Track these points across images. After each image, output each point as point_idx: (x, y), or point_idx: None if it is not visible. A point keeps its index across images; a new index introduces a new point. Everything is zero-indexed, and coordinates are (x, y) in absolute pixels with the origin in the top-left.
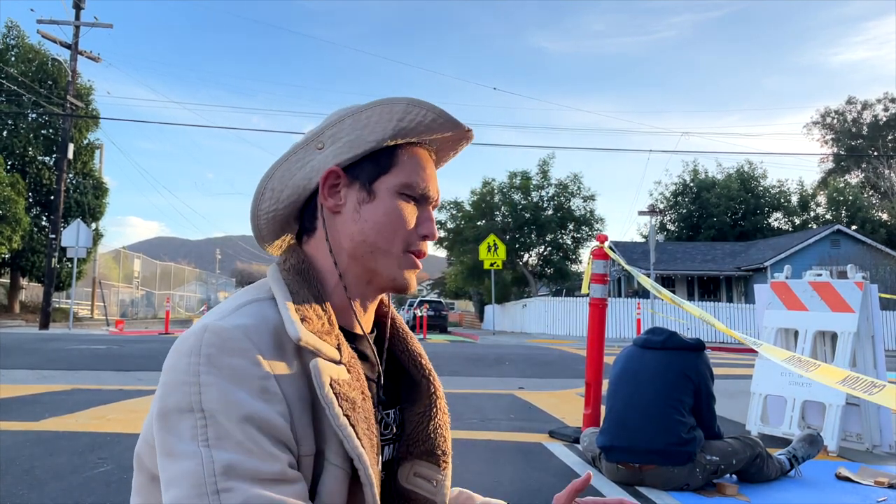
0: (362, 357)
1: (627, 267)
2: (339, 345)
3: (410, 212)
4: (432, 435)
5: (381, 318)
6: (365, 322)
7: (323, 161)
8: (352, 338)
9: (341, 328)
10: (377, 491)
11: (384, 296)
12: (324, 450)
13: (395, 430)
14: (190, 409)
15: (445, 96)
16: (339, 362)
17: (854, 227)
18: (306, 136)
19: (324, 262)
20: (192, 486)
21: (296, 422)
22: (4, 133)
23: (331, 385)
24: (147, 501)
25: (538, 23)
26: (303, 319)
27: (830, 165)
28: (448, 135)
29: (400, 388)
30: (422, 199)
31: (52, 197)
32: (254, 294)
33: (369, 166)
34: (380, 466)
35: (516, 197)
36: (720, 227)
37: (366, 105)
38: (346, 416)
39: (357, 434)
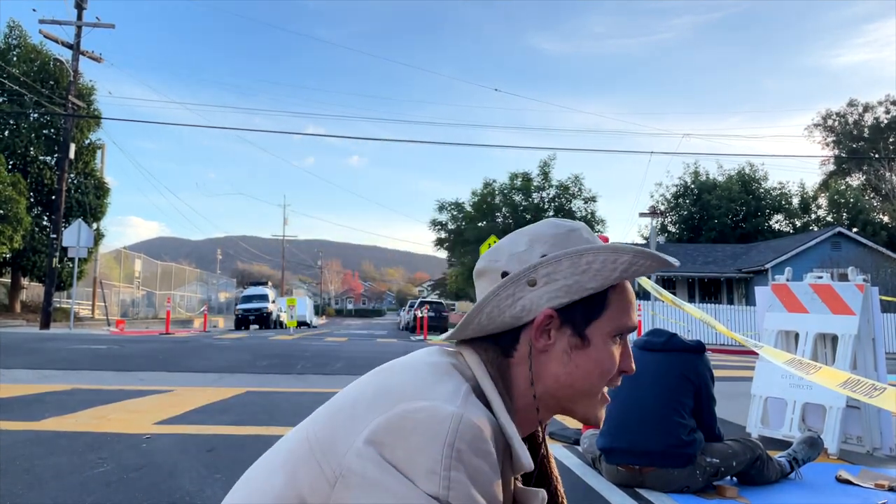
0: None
1: None
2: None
3: (618, 353)
4: None
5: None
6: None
7: (536, 301)
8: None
9: None
10: None
11: None
12: None
13: None
14: (437, 500)
15: (445, 97)
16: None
17: (855, 230)
18: (518, 270)
19: (518, 383)
20: None
21: None
22: (6, 133)
23: None
24: (296, 487)
25: (538, 24)
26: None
27: (831, 167)
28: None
29: None
30: (625, 335)
31: (54, 197)
32: (457, 376)
33: (583, 310)
34: None
35: (517, 198)
36: (721, 228)
37: (586, 249)
38: None
39: None
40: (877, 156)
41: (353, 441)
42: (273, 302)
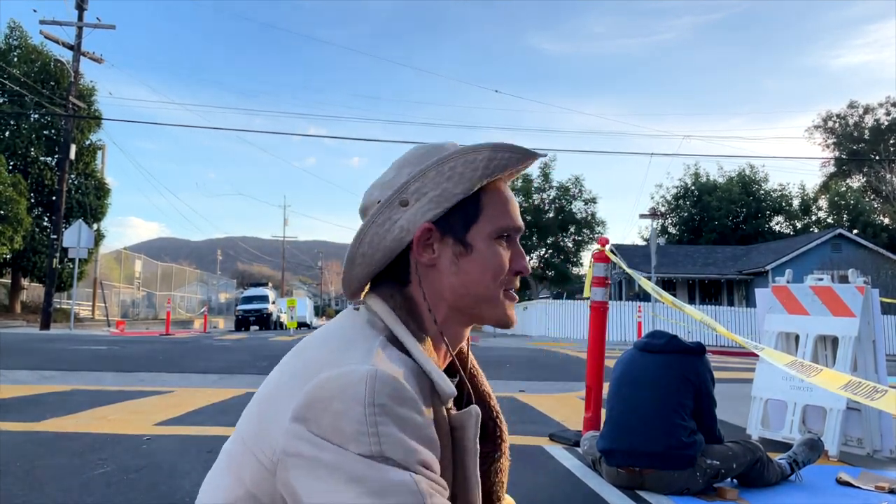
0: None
1: (628, 270)
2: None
3: (505, 254)
4: (493, 477)
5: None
6: (463, 364)
7: (411, 219)
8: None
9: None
10: None
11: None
12: (447, 484)
13: None
14: (370, 457)
15: (444, 97)
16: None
17: (855, 231)
18: (389, 195)
19: (423, 309)
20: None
21: (443, 461)
22: (7, 133)
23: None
24: (243, 483)
25: (538, 24)
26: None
27: (832, 169)
28: (531, 162)
29: None
30: (511, 236)
31: (54, 197)
32: (370, 331)
33: (459, 217)
34: None
35: (517, 199)
36: (721, 230)
37: (447, 156)
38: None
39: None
40: (877, 157)
41: (281, 425)
42: (273, 303)
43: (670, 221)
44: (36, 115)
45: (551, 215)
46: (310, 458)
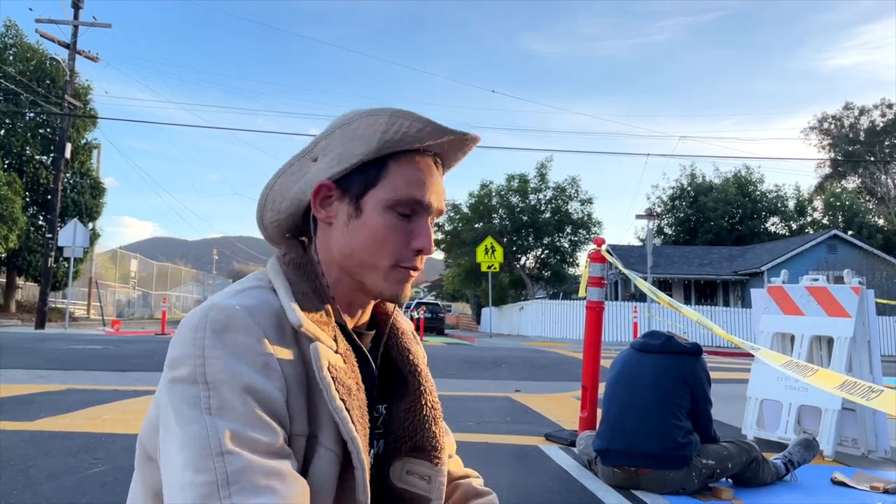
0: (357, 352)
1: (625, 270)
2: (335, 336)
3: (399, 227)
4: (419, 430)
5: (381, 317)
6: (360, 319)
7: (316, 174)
8: (348, 334)
9: (337, 323)
10: (367, 476)
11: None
12: (317, 434)
13: (382, 425)
14: (195, 380)
15: (443, 98)
16: (335, 352)
17: (851, 233)
18: (304, 148)
19: (317, 266)
20: (198, 448)
21: (292, 401)
22: (2, 132)
23: (328, 369)
24: (145, 482)
25: (531, 25)
26: (301, 309)
27: (827, 170)
28: (446, 141)
29: (393, 385)
30: (416, 211)
31: (49, 196)
32: (255, 282)
33: (358, 179)
34: (371, 459)
35: (514, 200)
36: (717, 231)
37: (354, 115)
38: (343, 399)
39: (352, 419)
40: (872, 159)
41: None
42: None
43: (666, 222)
44: (31, 114)
45: (548, 215)
46: (160, 387)
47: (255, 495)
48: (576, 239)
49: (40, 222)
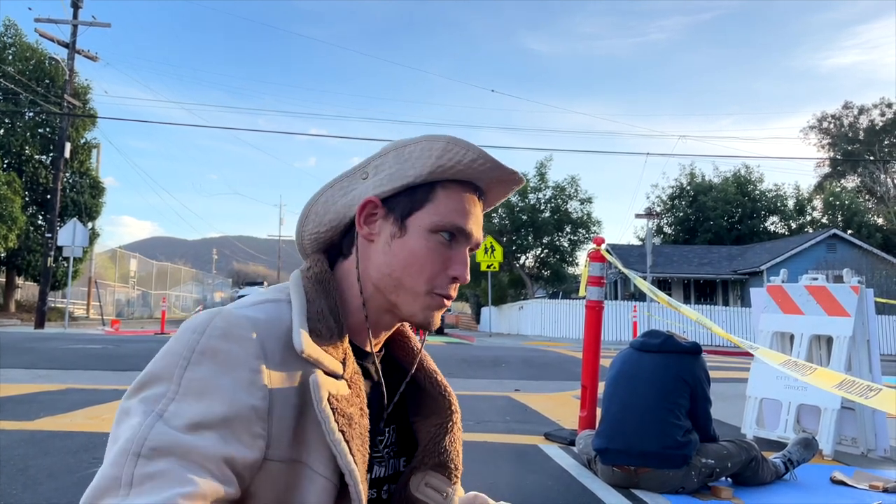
0: (367, 374)
1: (624, 270)
2: (344, 359)
3: (439, 252)
4: (447, 448)
5: (394, 335)
6: (377, 342)
7: (364, 191)
8: (361, 354)
9: (351, 343)
10: None
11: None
12: (306, 460)
13: (392, 446)
14: (169, 377)
15: (442, 97)
16: (340, 377)
17: (850, 232)
18: (355, 166)
19: (352, 284)
20: (125, 440)
21: (277, 424)
22: (1, 131)
23: (329, 400)
24: None
25: (529, 24)
26: (312, 330)
27: (827, 170)
28: (494, 176)
29: (416, 404)
30: (457, 239)
31: (49, 196)
32: (273, 294)
33: (405, 200)
34: (367, 483)
35: (513, 199)
36: (717, 230)
37: (411, 140)
38: (342, 431)
39: (351, 450)
40: (872, 158)
41: None
42: None
43: (666, 221)
44: (31, 114)
45: (547, 215)
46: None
47: (151, 500)
48: (575, 238)
49: (40, 222)
